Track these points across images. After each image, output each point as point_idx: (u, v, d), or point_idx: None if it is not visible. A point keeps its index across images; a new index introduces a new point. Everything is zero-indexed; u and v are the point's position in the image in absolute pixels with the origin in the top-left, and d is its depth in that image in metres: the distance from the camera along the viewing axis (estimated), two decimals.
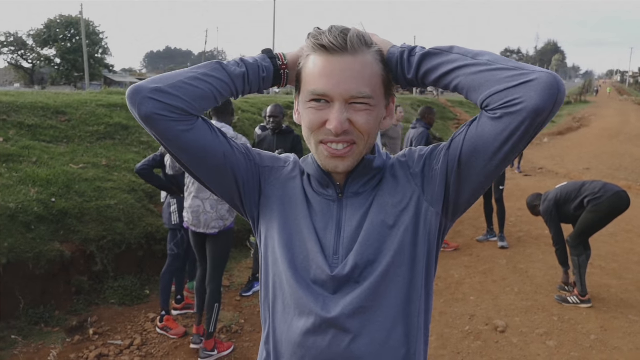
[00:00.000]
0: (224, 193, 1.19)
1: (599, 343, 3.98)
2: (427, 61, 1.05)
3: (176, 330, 4.17)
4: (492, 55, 1.02)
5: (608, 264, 5.75)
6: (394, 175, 1.14)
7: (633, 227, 7.29)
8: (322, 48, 1.03)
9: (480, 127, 1.00)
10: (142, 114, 1.01)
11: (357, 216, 1.11)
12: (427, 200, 1.10)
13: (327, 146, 1.06)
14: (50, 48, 44.71)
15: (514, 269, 5.64)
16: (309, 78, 1.06)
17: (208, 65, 1.09)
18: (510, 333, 4.16)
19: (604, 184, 4.59)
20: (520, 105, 0.92)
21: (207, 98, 1.06)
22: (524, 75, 0.94)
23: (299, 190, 1.17)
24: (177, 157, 1.11)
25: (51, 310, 4.25)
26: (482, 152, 1.00)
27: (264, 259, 1.19)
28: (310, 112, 1.06)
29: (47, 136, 6.33)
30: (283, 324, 1.13)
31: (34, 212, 4.57)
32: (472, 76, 0.99)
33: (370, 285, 1.06)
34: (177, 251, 4.24)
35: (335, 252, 1.10)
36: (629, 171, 12.35)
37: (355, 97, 1.02)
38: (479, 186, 1.06)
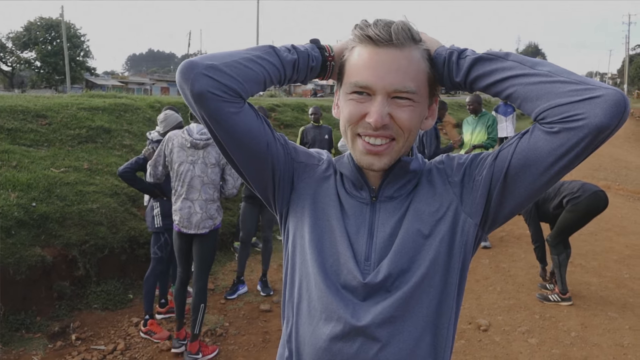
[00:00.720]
0: (258, 183, 1.16)
1: (579, 340, 4.05)
2: (479, 66, 1.02)
3: (160, 334, 4.14)
4: (554, 66, 0.97)
5: (588, 262, 5.84)
6: (430, 181, 1.10)
7: (612, 225, 7.42)
8: (368, 39, 1.00)
9: (533, 140, 0.96)
10: (195, 91, 0.97)
11: (391, 222, 1.07)
12: (465, 211, 1.06)
13: (364, 141, 1.03)
14: (30, 51, 44.04)
15: (496, 268, 5.71)
16: (353, 70, 1.03)
17: (261, 48, 1.06)
18: (492, 331, 4.21)
19: (582, 183, 4.67)
20: (583, 121, 0.88)
21: (258, 82, 1.03)
22: (589, 90, 0.89)
23: (332, 190, 1.14)
24: (220, 140, 1.07)
25: (32, 316, 4.20)
26: (533, 167, 0.96)
27: (291, 256, 1.16)
28: (350, 104, 1.03)
29: (27, 140, 6.25)
30: (308, 326, 1.09)
31: (14, 217, 4.51)
32: (531, 86, 0.95)
33: (402, 295, 1.03)
34: (160, 254, 4.22)
35: (367, 257, 1.06)
36: (608, 171, 12.56)
37: (398, 91, 0.99)
38: (524, 201, 1.02)
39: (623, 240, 6.78)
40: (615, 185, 10.65)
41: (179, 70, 0.99)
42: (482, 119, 6.49)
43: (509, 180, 1.00)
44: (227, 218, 6.60)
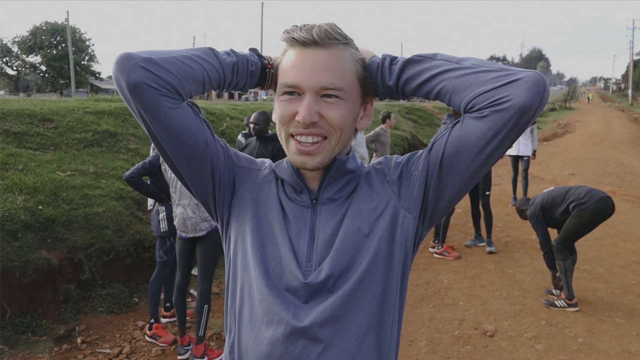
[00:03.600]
0: (198, 185, 1.14)
1: (586, 346, 4.03)
2: (409, 68, 1.05)
3: (165, 338, 4.14)
4: (477, 59, 1.02)
5: (594, 268, 5.82)
6: (369, 182, 1.12)
7: (618, 231, 7.39)
8: (295, 42, 1.03)
9: (464, 128, 1.00)
10: (130, 82, 0.95)
11: (332, 223, 1.08)
12: (404, 207, 1.08)
13: (296, 141, 1.04)
14: (35, 55, 44.35)
15: (502, 274, 5.68)
16: (283, 71, 1.06)
17: (201, 49, 1.06)
18: (499, 337, 4.20)
19: (589, 189, 4.65)
20: (508, 103, 0.94)
21: (197, 80, 1.03)
22: (511, 75, 0.95)
23: (273, 195, 1.14)
24: (158, 140, 1.05)
25: (38, 319, 4.21)
26: (465, 152, 0.99)
27: (232, 263, 1.15)
28: (282, 104, 1.05)
29: (34, 143, 6.27)
30: (249, 333, 1.08)
31: (21, 220, 4.52)
32: (457, 79, 1.00)
33: (343, 293, 1.03)
34: (166, 258, 4.22)
35: (309, 259, 1.07)
36: (613, 176, 12.51)
37: (325, 88, 1.01)
38: (460, 188, 1.05)
39: (629, 246, 6.74)
40: (621, 191, 10.61)
41: (115, 61, 0.97)
42: None
43: (444, 170, 1.03)
44: None
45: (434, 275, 5.67)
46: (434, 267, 5.95)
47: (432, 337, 4.21)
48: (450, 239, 6.93)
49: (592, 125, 28.50)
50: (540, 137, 22.40)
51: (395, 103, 21.37)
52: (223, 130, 9.45)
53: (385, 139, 7.50)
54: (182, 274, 3.91)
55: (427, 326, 4.40)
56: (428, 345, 4.07)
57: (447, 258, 6.25)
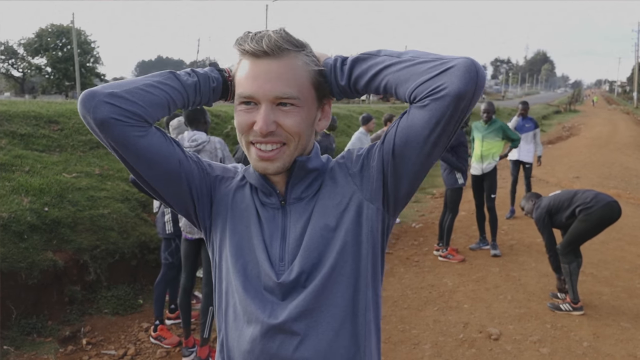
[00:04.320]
0: (178, 203, 1.19)
1: (591, 350, 4.01)
2: (357, 66, 1.08)
3: (170, 340, 4.15)
4: (416, 51, 1.05)
5: (599, 272, 5.79)
6: (333, 178, 1.15)
7: (623, 234, 7.36)
8: (247, 53, 1.05)
9: (409, 118, 1.03)
10: (97, 119, 0.99)
11: (301, 222, 1.12)
12: (366, 198, 1.11)
13: (256, 148, 1.08)
14: (41, 57, 44.49)
15: (507, 277, 5.67)
16: (238, 82, 1.08)
17: (162, 74, 1.10)
18: (503, 340, 4.19)
19: (596, 194, 4.63)
20: (444, 91, 0.96)
21: (162, 106, 1.07)
22: (444, 63, 0.98)
23: (248, 199, 1.18)
24: (132, 167, 1.10)
25: (44, 320, 4.22)
26: (413, 141, 1.03)
27: (218, 267, 1.21)
28: (240, 114, 1.08)
29: (40, 145, 6.31)
30: (234, 332, 1.15)
31: (27, 222, 4.54)
32: (398, 73, 1.03)
33: (314, 287, 1.08)
34: (171, 260, 4.23)
35: (281, 258, 1.11)
36: (618, 179, 12.47)
37: (280, 98, 1.04)
38: (415, 176, 1.08)
39: (634, 249, 6.71)
40: (626, 194, 10.57)
41: (79, 100, 1.01)
42: (493, 126, 6.54)
43: (397, 159, 1.07)
44: None
45: (438, 278, 5.66)
46: (438, 270, 5.94)
47: (436, 340, 4.20)
48: (455, 241, 6.92)
49: (597, 128, 28.41)
50: (545, 139, 22.35)
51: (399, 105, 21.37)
52: (227, 133, 9.47)
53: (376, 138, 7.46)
54: (187, 275, 3.93)
55: (431, 329, 4.40)
56: (432, 349, 4.07)
57: (452, 261, 6.24)
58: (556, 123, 32.12)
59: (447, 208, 6.45)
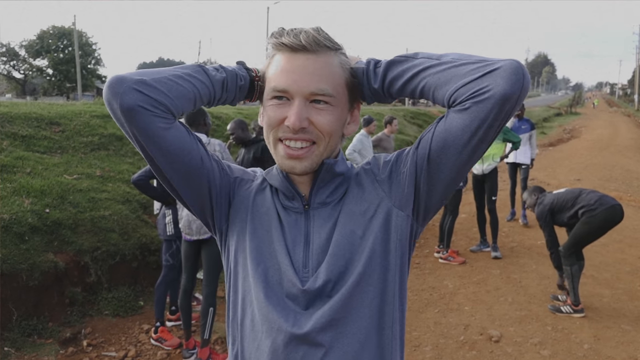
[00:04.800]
0: (196, 202, 1.14)
1: (592, 352, 4.01)
2: (392, 69, 1.06)
3: (171, 342, 4.15)
4: (457, 53, 1.02)
5: (600, 274, 5.79)
6: (359, 183, 1.12)
7: (624, 237, 7.36)
8: (284, 46, 1.03)
9: (448, 122, 1.00)
10: (124, 105, 0.94)
11: (326, 228, 1.08)
12: (396, 205, 1.08)
13: (285, 145, 1.04)
14: (42, 59, 44.59)
15: (508, 279, 5.67)
16: (271, 76, 1.05)
17: (191, 66, 1.07)
18: (504, 343, 4.18)
19: (600, 196, 4.59)
20: (488, 93, 0.93)
21: (188, 99, 1.03)
22: (489, 65, 0.95)
23: (268, 203, 1.14)
24: (153, 161, 1.05)
25: (44, 322, 4.22)
26: (451, 146, 0.99)
27: (233, 274, 1.15)
28: (270, 108, 1.05)
29: (41, 147, 6.32)
30: (252, 343, 1.09)
31: (28, 223, 4.55)
32: (438, 75, 1.00)
33: (341, 297, 1.03)
34: (172, 262, 4.24)
35: (305, 265, 1.07)
36: (619, 182, 12.45)
37: (315, 94, 1.01)
38: (450, 182, 1.05)
39: (635, 252, 6.71)
40: (627, 197, 10.56)
41: (107, 85, 0.96)
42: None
43: (432, 165, 1.03)
44: None
45: (439, 280, 5.66)
46: (439, 272, 5.94)
47: (437, 343, 4.20)
48: (455, 244, 6.92)
49: (598, 130, 28.38)
50: (546, 142, 22.36)
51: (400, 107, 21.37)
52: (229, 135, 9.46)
53: (387, 144, 7.43)
54: (187, 277, 3.93)
55: (432, 331, 4.39)
56: (433, 351, 4.06)
57: (452, 263, 6.24)
58: (557, 125, 32.10)
59: (447, 210, 6.45)
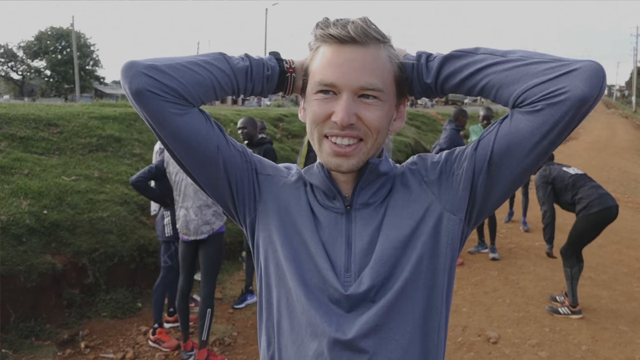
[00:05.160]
0: (214, 190, 1.11)
1: (590, 354, 4.01)
2: (449, 63, 1.00)
3: (169, 343, 4.15)
4: (525, 51, 0.96)
5: (598, 275, 5.80)
6: (405, 184, 1.07)
7: (622, 238, 7.38)
8: (331, 38, 0.97)
9: (514, 123, 0.94)
10: (133, 89, 0.95)
11: (369, 230, 1.04)
12: (447, 209, 1.03)
13: (331, 142, 0.99)
14: (40, 60, 44.59)
15: (505, 280, 5.68)
16: (317, 69, 1.00)
17: (211, 54, 1.04)
18: (502, 344, 4.19)
19: (600, 195, 4.55)
20: (565, 94, 0.88)
21: (205, 85, 1.00)
22: (566, 65, 0.90)
23: (303, 202, 1.10)
24: (168, 147, 1.04)
25: (42, 324, 4.22)
26: (517, 149, 0.94)
27: (265, 274, 1.11)
28: (315, 103, 1.00)
29: (39, 148, 6.31)
30: (292, 345, 1.06)
31: (26, 225, 4.55)
32: (505, 72, 0.94)
33: (386, 302, 1.00)
34: (170, 263, 4.24)
35: (347, 269, 1.03)
36: (617, 183, 12.49)
37: (364, 88, 0.96)
38: (510, 186, 1.00)
39: (633, 253, 6.73)
40: (625, 198, 10.59)
41: (120, 70, 0.97)
42: None
43: (493, 168, 0.98)
44: (234, 227, 6.62)
45: None
46: None
47: None
48: None
49: (596, 132, 28.46)
50: None
51: None
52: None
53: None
54: (184, 278, 3.93)
55: None
56: None
57: None
58: None
59: None
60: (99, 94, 46.28)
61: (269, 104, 26.07)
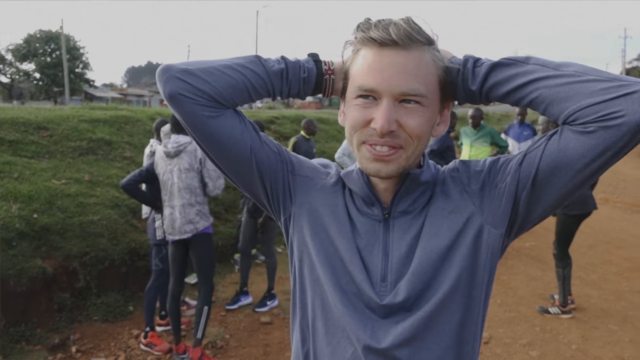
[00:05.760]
0: (248, 188, 1.13)
1: (580, 353, 4.05)
2: (497, 72, 0.96)
3: (161, 347, 4.13)
4: (580, 65, 0.91)
5: (587, 275, 5.86)
6: (445, 192, 1.04)
7: (611, 238, 7.45)
8: (372, 41, 0.94)
9: (563, 142, 0.90)
10: (166, 93, 0.98)
11: (407, 239, 1.02)
12: (488, 222, 1.00)
13: (370, 147, 0.96)
14: (29, 62, 44.21)
15: (497, 281, 5.71)
16: (357, 73, 0.97)
17: (246, 57, 1.04)
18: (493, 344, 4.22)
19: (586, 197, 4.64)
20: (621, 119, 0.83)
21: (239, 89, 1.01)
22: (624, 87, 0.84)
23: (341, 206, 1.08)
24: (200, 145, 1.07)
25: (32, 328, 4.18)
26: (564, 169, 0.90)
27: (299, 274, 1.11)
28: (355, 109, 0.97)
29: (29, 152, 6.26)
30: (326, 346, 1.06)
31: (16, 229, 4.51)
32: (558, 88, 0.89)
33: (423, 314, 0.98)
34: (162, 266, 4.22)
35: (383, 278, 1.01)
36: (606, 184, 12.60)
37: (406, 94, 0.93)
38: (555, 204, 0.96)
39: (622, 253, 6.80)
40: (614, 198, 10.69)
41: (156, 73, 1.00)
42: (481, 131, 6.61)
43: (537, 185, 0.95)
44: (226, 230, 6.61)
45: None
46: None
47: None
48: None
49: None
50: None
51: None
52: None
53: None
54: (174, 280, 3.93)
55: None
56: None
57: None
58: None
59: None
60: (89, 96, 46.04)
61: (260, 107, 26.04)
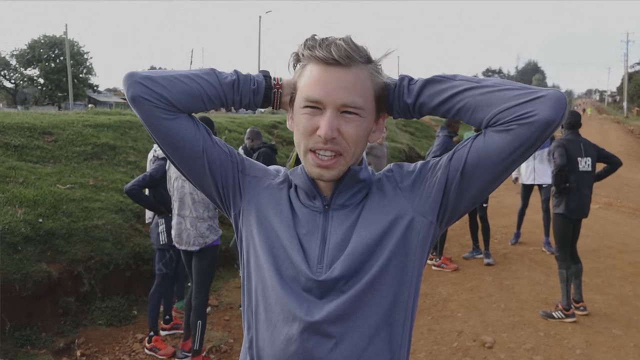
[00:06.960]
0: (200, 185, 1.25)
1: (584, 357, 4.04)
2: (430, 86, 1.12)
3: (165, 351, 4.14)
4: (497, 79, 1.10)
5: (591, 280, 5.84)
6: (380, 189, 1.17)
7: (615, 243, 7.43)
8: (318, 59, 1.08)
9: (487, 140, 1.07)
10: (129, 95, 1.11)
11: (344, 228, 1.14)
12: (418, 212, 1.13)
13: (315, 155, 1.10)
14: (33, 68, 44.42)
15: (500, 286, 5.71)
16: (305, 86, 1.10)
17: (203, 69, 1.19)
18: (497, 349, 4.21)
19: (581, 203, 4.73)
20: (534, 117, 1.01)
21: (194, 96, 1.14)
22: (534, 92, 1.03)
23: (284, 200, 1.21)
24: (159, 145, 1.19)
25: (38, 332, 4.20)
26: (487, 162, 1.07)
27: (246, 265, 1.23)
28: (304, 117, 1.10)
29: (34, 156, 6.30)
30: (265, 331, 1.15)
31: (21, 233, 4.54)
32: (480, 97, 1.07)
33: (355, 293, 1.09)
34: (165, 271, 4.24)
35: (320, 261, 1.12)
36: (609, 188, 12.58)
37: (346, 106, 1.07)
38: (478, 194, 1.13)
39: (626, 257, 6.78)
40: (617, 202, 10.67)
41: (123, 78, 1.14)
42: None
43: (465, 177, 1.10)
44: (230, 234, 6.62)
45: (432, 287, 5.68)
46: (432, 279, 5.97)
47: (431, 349, 4.22)
48: (448, 250, 6.96)
49: (588, 137, 28.37)
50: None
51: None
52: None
53: (379, 151, 7.31)
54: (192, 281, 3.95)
55: (426, 338, 4.42)
56: (427, 357, 4.08)
57: (445, 270, 6.27)
58: None
59: None
60: (93, 101, 46.22)
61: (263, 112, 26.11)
